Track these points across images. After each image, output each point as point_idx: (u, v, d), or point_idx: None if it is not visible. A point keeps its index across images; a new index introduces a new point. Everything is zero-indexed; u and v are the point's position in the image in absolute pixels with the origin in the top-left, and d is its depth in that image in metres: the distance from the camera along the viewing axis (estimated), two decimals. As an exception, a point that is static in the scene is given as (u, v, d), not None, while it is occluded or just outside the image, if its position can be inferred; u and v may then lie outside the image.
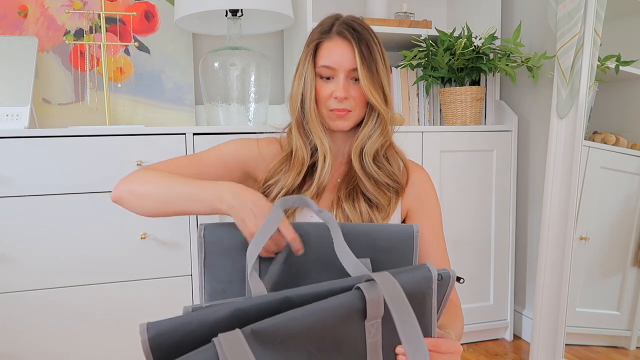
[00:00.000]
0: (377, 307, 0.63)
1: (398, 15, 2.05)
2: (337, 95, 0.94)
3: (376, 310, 0.63)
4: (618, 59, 1.60)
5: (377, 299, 0.62)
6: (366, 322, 0.64)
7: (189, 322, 0.57)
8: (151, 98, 1.97)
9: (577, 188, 1.61)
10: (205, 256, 0.79)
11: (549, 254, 1.68)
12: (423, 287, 0.67)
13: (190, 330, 0.57)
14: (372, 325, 0.64)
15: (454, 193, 1.92)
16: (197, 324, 0.58)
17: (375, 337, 0.65)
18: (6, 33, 1.82)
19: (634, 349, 1.61)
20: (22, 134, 1.48)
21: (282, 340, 0.57)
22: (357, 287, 0.63)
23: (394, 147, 1.03)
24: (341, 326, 0.61)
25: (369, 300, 0.62)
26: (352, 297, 0.62)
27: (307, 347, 0.60)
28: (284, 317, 0.58)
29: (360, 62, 0.93)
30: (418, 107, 2.07)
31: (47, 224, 1.51)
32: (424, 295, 0.67)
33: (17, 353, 1.51)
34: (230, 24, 1.83)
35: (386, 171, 0.99)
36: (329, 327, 0.60)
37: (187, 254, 1.63)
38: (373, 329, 0.65)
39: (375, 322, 0.64)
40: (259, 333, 0.56)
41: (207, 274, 0.80)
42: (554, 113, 1.67)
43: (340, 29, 0.95)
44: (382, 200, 0.97)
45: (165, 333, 0.56)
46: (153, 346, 0.56)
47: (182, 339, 0.57)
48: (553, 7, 1.66)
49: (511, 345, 2.03)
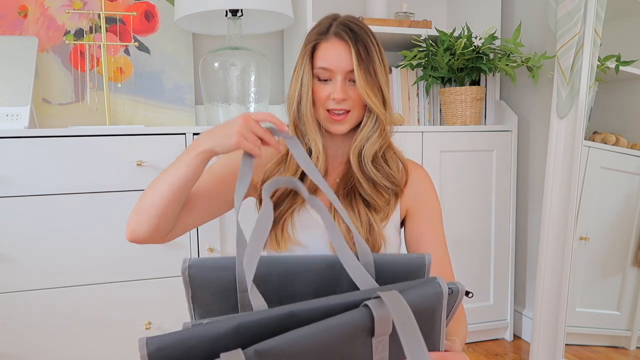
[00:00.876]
0: (385, 324, 0.62)
1: (398, 15, 2.05)
2: (334, 97, 0.93)
3: (384, 327, 0.62)
4: (618, 59, 1.60)
5: (385, 316, 0.61)
6: (373, 340, 0.63)
7: (189, 337, 0.56)
8: (151, 98, 1.97)
9: (577, 188, 1.61)
10: (194, 294, 0.76)
11: (549, 254, 1.68)
12: (433, 302, 0.66)
13: (191, 346, 0.56)
14: (380, 342, 0.63)
15: (454, 193, 1.92)
16: (198, 339, 0.56)
17: (382, 354, 0.64)
18: (6, 33, 1.82)
19: (634, 349, 1.61)
20: (22, 134, 1.48)
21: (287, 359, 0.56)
22: (364, 304, 0.62)
23: (392, 149, 1.02)
24: (348, 344, 0.60)
25: (377, 319, 0.61)
26: (359, 315, 0.61)
27: None
28: (288, 337, 0.56)
29: (357, 63, 0.92)
30: (418, 107, 2.07)
31: (47, 224, 1.51)
32: (434, 310, 0.66)
33: (17, 353, 1.51)
34: (230, 24, 1.83)
35: (385, 173, 0.98)
36: (335, 345, 0.59)
37: (187, 254, 1.63)
38: (380, 346, 0.63)
39: (383, 339, 0.63)
40: (262, 353, 0.55)
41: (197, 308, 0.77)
42: (554, 113, 1.67)
43: (338, 29, 0.94)
44: (380, 202, 0.97)
45: (165, 348, 0.55)
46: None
47: (182, 354, 0.55)
48: (553, 7, 1.66)
49: (511, 345, 2.03)
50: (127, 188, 1.56)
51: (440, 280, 0.67)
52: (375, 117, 0.96)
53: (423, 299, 0.65)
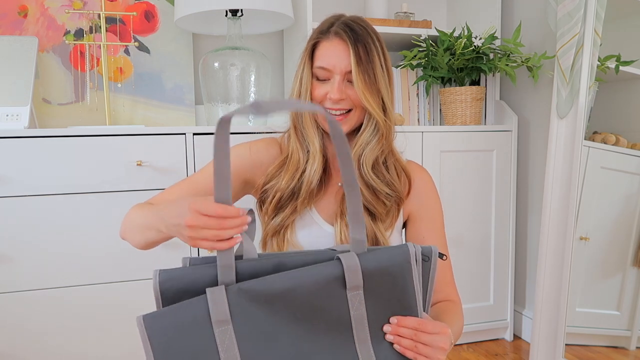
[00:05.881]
0: (354, 275, 0.67)
1: (398, 15, 2.05)
2: (331, 97, 0.91)
3: (354, 278, 0.67)
4: (618, 59, 1.60)
5: (354, 266, 0.67)
6: (348, 292, 0.67)
7: (192, 272, 0.66)
8: (151, 98, 1.97)
9: (577, 188, 1.61)
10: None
11: (549, 254, 1.68)
12: (400, 260, 0.69)
13: (193, 280, 0.66)
14: (354, 296, 0.68)
15: (454, 193, 1.92)
16: (200, 275, 0.66)
17: (359, 310, 0.68)
18: (6, 33, 1.82)
19: (634, 349, 1.61)
20: (22, 134, 1.48)
21: (266, 299, 0.65)
22: (336, 257, 0.68)
23: (394, 155, 0.99)
24: (323, 292, 0.66)
25: (346, 267, 0.66)
26: (330, 264, 0.67)
27: (291, 310, 0.66)
28: (267, 279, 0.65)
29: (356, 64, 0.89)
30: (418, 107, 2.07)
31: (47, 224, 1.51)
32: (403, 270, 0.69)
33: (17, 353, 1.51)
34: (230, 24, 1.83)
35: (385, 180, 0.95)
36: (309, 292, 0.66)
37: (187, 253, 1.63)
38: (356, 301, 0.68)
39: (357, 293, 0.68)
40: (246, 291, 0.64)
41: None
42: (554, 113, 1.67)
43: (338, 29, 0.92)
44: (380, 210, 0.94)
45: (173, 279, 0.66)
46: (162, 289, 0.66)
47: (186, 285, 0.66)
48: (553, 7, 1.66)
49: (511, 345, 2.03)
50: (127, 188, 1.56)
51: (410, 244, 0.71)
52: (374, 121, 0.93)
53: (389, 256, 0.69)
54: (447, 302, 0.98)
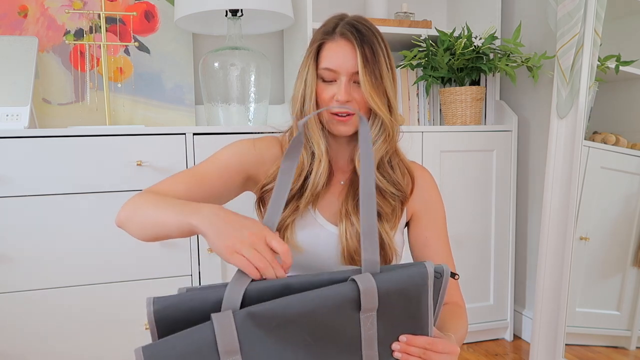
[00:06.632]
0: (370, 297, 0.64)
1: (398, 15, 2.05)
2: (338, 99, 0.90)
3: (370, 301, 0.64)
4: (618, 59, 1.60)
5: (371, 290, 0.64)
6: (361, 314, 0.65)
7: (191, 299, 0.61)
8: (151, 98, 1.97)
9: (577, 188, 1.61)
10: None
11: (549, 254, 1.68)
12: (417, 281, 0.67)
13: (192, 307, 0.61)
14: (367, 317, 0.65)
15: (454, 193, 1.92)
16: (200, 301, 0.61)
17: (371, 331, 0.66)
18: (6, 33, 1.82)
19: (634, 349, 1.61)
20: (22, 134, 1.48)
21: (277, 324, 0.60)
22: (351, 278, 0.65)
23: (399, 155, 0.99)
24: (336, 315, 0.63)
25: (362, 290, 0.64)
26: (346, 287, 0.64)
27: (302, 335, 0.62)
28: (280, 302, 0.61)
29: (363, 65, 0.88)
30: (418, 107, 2.07)
31: (47, 224, 1.51)
32: (420, 291, 0.67)
33: (17, 353, 1.51)
34: (230, 24, 1.83)
35: (390, 180, 0.95)
36: (323, 315, 0.62)
37: (187, 253, 1.63)
38: (368, 322, 0.66)
39: (371, 314, 0.65)
40: (255, 315, 0.60)
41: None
42: (554, 113, 1.67)
43: (344, 30, 0.91)
44: (386, 209, 0.94)
45: (169, 307, 0.61)
46: (157, 318, 0.61)
47: (184, 314, 0.61)
48: (553, 7, 1.66)
49: (511, 345, 2.03)
50: (127, 188, 1.56)
51: (428, 263, 0.69)
52: (380, 121, 0.93)
53: (407, 277, 0.67)
54: (452, 304, 0.97)
